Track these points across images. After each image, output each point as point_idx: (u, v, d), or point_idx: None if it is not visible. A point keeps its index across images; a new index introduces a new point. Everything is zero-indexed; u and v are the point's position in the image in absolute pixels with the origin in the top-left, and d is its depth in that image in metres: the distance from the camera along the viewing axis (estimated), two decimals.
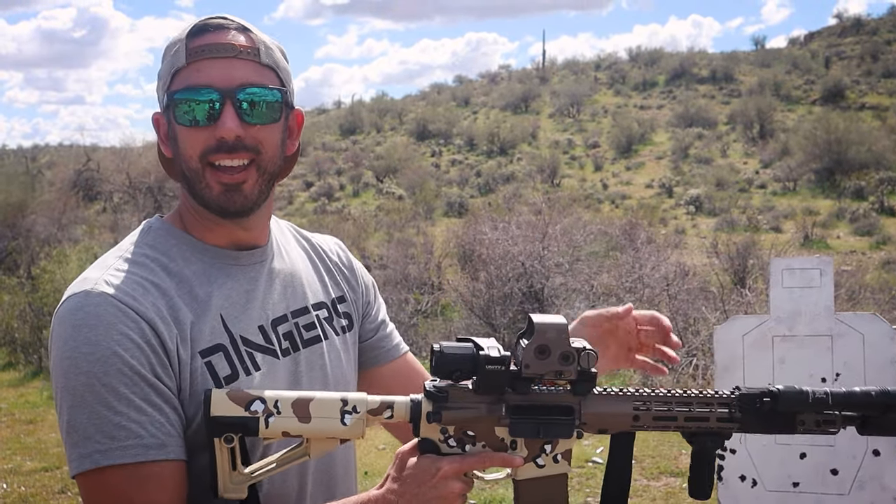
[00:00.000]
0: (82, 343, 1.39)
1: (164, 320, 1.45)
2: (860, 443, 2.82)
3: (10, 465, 7.44)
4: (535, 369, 1.46)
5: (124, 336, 1.40)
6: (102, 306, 1.41)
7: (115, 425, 1.38)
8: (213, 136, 1.51)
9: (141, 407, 1.39)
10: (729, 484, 2.96)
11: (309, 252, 1.81)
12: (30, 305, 12.84)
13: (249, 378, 1.53)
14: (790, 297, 2.92)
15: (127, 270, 1.50)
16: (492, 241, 13.04)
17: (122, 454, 1.37)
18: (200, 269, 1.56)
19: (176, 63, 1.50)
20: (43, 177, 37.77)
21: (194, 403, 1.47)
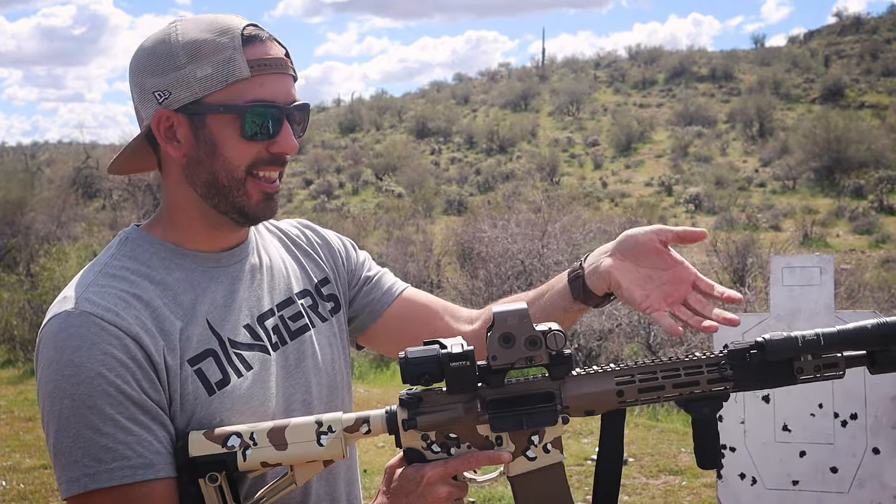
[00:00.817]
0: (65, 365, 1.38)
1: (149, 333, 1.44)
2: (860, 441, 2.82)
3: (9, 462, 7.44)
4: (502, 359, 1.44)
5: (107, 355, 1.38)
6: (84, 326, 1.39)
7: (102, 447, 1.37)
8: (265, 150, 1.52)
9: (127, 427, 1.38)
10: (729, 482, 2.96)
11: (284, 241, 1.79)
12: (29, 303, 12.85)
13: (242, 379, 1.52)
14: (790, 294, 2.92)
15: (107, 285, 1.47)
16: (491, 239, 13.04)
17: (110, 476, 1.36)
18: (182, 275, 1.54)
19: (235, 73, 1.48)
20: (42, 174, 37.74)
21: (186, 413, 1.46)
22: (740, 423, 2.99)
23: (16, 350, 12.97)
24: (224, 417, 1.48)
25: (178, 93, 1.49)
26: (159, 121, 1.51)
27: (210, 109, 1.48)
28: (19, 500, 6.47)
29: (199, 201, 1.56)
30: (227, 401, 1.49)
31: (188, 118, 1.50)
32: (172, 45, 1.49)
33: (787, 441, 2.92)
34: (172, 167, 1.57)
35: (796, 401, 2.95)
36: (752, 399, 2.97)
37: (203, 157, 1.52)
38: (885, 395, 2.80)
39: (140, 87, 1.52)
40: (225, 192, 1.53)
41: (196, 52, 1.48)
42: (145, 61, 1.51)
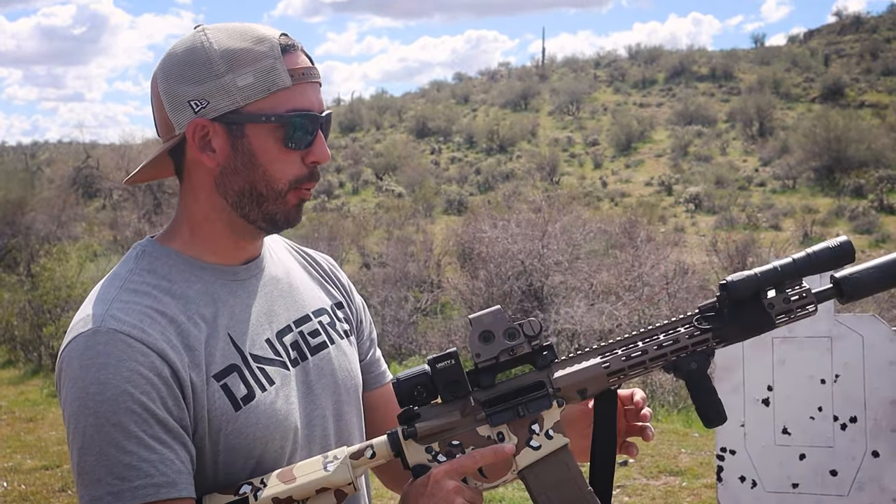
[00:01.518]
0: (90, 383, 1.37)
1: (174, 349, 1.43)
2: (859, 444, 2.83)
3: (10, 463, 7.44)
4: (486, 355, 1.49)
5: (134, 372, 1.38)
6: (112, 343, 1.39)
7: (126, 465, 1.36)
8: (302, 160, 1.53)
9: (151, 445, 1.38)
10: (729, 485, 2.97)
11: (300, 261, 1.78)
12: (29, 303, 12.85)
13: (265, 394, 1.51)
14: None
15: (131, 301, 1.46)
16: (491, 239, 13.05)
17: (133, 495, 1.36)
18: (202, 288, 1.53)
19: (278, 82, 1.48)
20: (42, 174, 37.71)
21: (214, 429, 1.46)
22: (740, 426, 3.00)
23: (16, 350, 12.97)
24: (251, 432, 1.48)
25: (216, 102, 1.47)
26: (195, 130, 1.49)
27: (251, 118, 1.48)
28: (21, 502, 6.48)
29: (228, 210, 1.55)
30: (252, 416, 1.49)
31: (226, 127, 1.49)
32: (208, 54, 1.48)
33: (786, 444, 2.93)
34: (201, 176, 1.54)
35: (796, 404, 2.96)
36: (751, 402, 2.99)
37: (240, 166, 1.51)
38: (885, 398, 2.81)
39: (172, 96, 1.50)
40: (261, 201, 1.53)
41: (235, 60, 1.47)
42: (178, 69, 1.49)
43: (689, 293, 11.96)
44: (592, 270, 12.90)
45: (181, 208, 1.59)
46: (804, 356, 2.93)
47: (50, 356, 12.15)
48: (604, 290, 12.52)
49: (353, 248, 21.55)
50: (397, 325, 13.54)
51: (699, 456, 7.09)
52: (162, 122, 1.54)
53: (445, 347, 12.71)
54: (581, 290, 12.20)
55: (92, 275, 13.49)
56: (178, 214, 1.60)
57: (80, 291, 12.38)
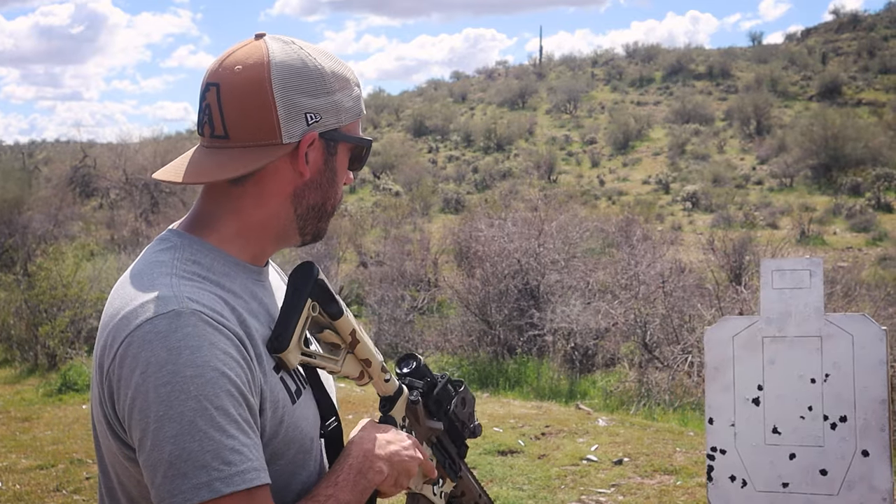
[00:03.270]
0: (185, 366, 1.33)
1: (248, 335, 1.44)
2: (849, 444, 2.83)
3: (5, 462, 7.42)
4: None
5: (227, 355, 1.37)
6: (200, 325, 1.36)
7: (230, 449, 1.33)
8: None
9: (246, 429, 1.36)
10: (719, 484, 2.97)
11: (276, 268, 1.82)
12: (26, 302, 12.82)
13: (308, 391, 1.55)
14: (780, 297, 2.93)
15: (195, 286, 1.44)
16: (488, 237, 13.05)
17: (241, 479, 1.33)
18: (242, 284, 1.53)
19: (359, 110, 1.59)
20: (39, 173, 37.68)
21: (276, 419, 1.45)
22: (730, 425, 3.01)
23: (12, 350, 12.95)
24: (304, 426, 1.51)
25: (327, 118, 1.52)
26: (310, 143, 1.52)
27: (346, 139, 1.56)
28: (15, 501, 6.46)
29: (291, 220, 1.57)
30: (303, 409, 1.50)
31: (325, 143, 1.54)
32: (322, 71, 1.52)
33: (777, 444, 2.93)
34: (279, 185, 1.54)
35: (786, 403, 2.96)
36: (742, 402, 2.99)
37: (324, 182, 1.57)
38: (875, 397, 2.81)
39: (290, 105, 1.49)
40: (324, 217, 1.60)
41: (341, 82, 1.55)
42: (298, 80, 1.50)
43: (685, 292, 11.95)
44: (589, 269, 12.91)
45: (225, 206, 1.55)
46: (794, 356, 2.94)
47: (46, 356, 12.15)
48: (600, 289, 12.52)
49: (350, 246, 21.57)
50: (394, 323, 13.54)
51: (694, 455, 7.09)
52: (264, 126, 1.49)
53: (442, 346, 12.75)
54: (577, 289, 12.20)
55: (88, 274, 13.47)
56: (220, 211, 1.56)
57: (77, 291, 12.38)
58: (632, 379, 10.50)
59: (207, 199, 1.58)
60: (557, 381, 10.75)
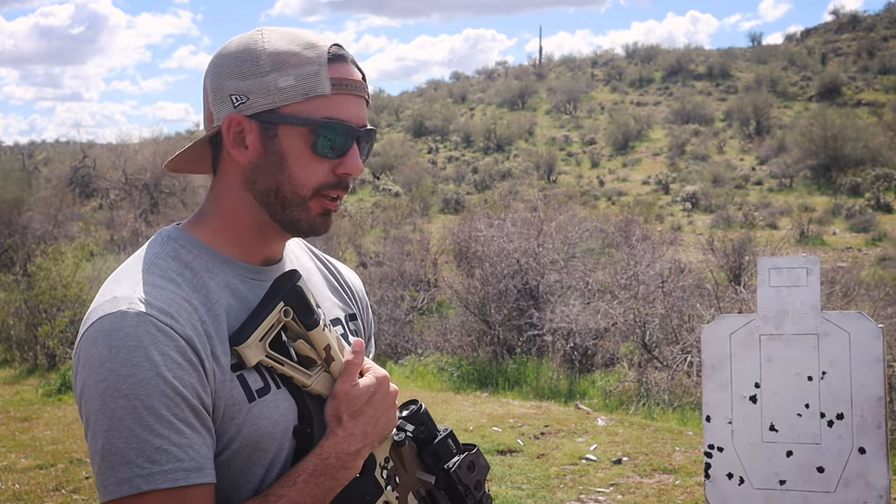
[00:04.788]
0: (121, 365, 1.37)
1: (199, 335, 1.43)
2: (846, 441, 2.84)
3: (4, 462, 7.43)
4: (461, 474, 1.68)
5: (166, 357, 1.39)
6: (141, 326, 1.39)
7: (157, 448, 1.36)
8: (331, 170, 1.54)
9: (181, 429, 1.38)
10: (716, 482, 2.98)
11: (321, 268, 1.80)
12: (25, 303, 12.84)
13: (280, 391, 1.52)
14: (777, 295, 2.93)
15: (157, 285, 1.47)
16: (487, 238, 13.05)
17: (164, 478, 1.36)
18: (223, 281, 1.54)
19: (317, 88, 1.50)
20: (39, 173, 37.74)
21: (228, 417, 1.45)
22: (728, 423, 3.01)
23: (12, 350, 12.97)
24: (263, 425, 1.48)
25: (255, 99, 1.50)
26: (230, 124, 1.51)
27: (284, 120, 1.50)
28: (15, 501, 6.47)
29: (256, 208, 1.56)
30: (266, 409, 1.49)
31: (260, 126, 1.51)
32: (258, 52, 1.50)
33: (774, 441, 2.93)
34: (233, 172, 1.56)
35: (783, 401, 2.96)
36: (739, 399, 2.99)
37: (269, 166, 1.53)
38: (871, 395, 2.82)
39: (217, 88, 1.53)
40: (286, 204, 1.54)
41: (281, 62, 1.50)
42: (228, 64, 1.52)
43: (684, 292, 11.95)
44: (588, 269, 12.91)
45: (211, 200, 1.61)
46: (791, 353, 2.94)
47: (45, 356, 12.16)
48: (599, 289, 12.52)
49: (349, 247, 21.56)
50: (394, 323, 13.54)
51: (693, 454, 7.10)
52: (206, 113, 1.56)
53: (441, 346, 12.75)
54: (577, 289, 12.20)
55: (88, 274, 13.47)
56: (208, 206, 1.61)
57: (76, 291, 12.39)
58: (631, 379, 10.50)
59: (207, 194, 1.63)
60: (557, 381, 10.75)
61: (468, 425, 8.18)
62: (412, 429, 1.62)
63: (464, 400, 9.55)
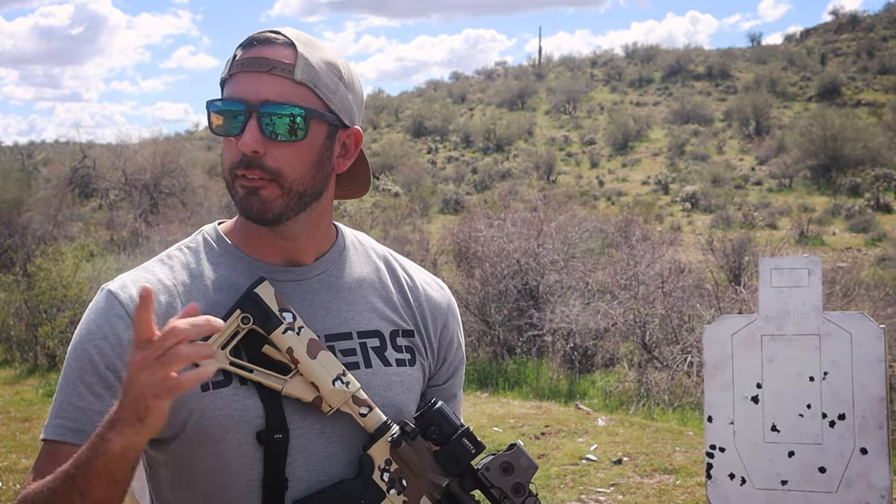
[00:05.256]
0: (78, 332, 1.54)
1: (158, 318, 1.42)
2: (848, 441, 2.84)
3: (5, 462, 7.44)
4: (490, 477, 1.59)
5: (99, 327, 1.52)
6: (101, 301, 1.55)
7: (59, 403, 1.51)
8: (239, 148, 1.52)
9: (82, 394, 1.49)
10: (718, 482, 2.98)
11: (385, 278, 1.72)
12: (25, 303, 12.82)
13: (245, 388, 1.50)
14: (779, 296, 2.94)
15: (149, 269, 1.60)
16: (487, 238, 13.05)
17: (52, 431, 1.50)
18: (226, 275, 1.57)
19: (225, 73, 1.56)
20: (39, 174, 37.69)
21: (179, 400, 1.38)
22: (729, 423, 3.01)
23: (12, 350, 12.95)
24: (213, 416, 1.47)
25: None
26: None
27: (209, 106, 1.56)
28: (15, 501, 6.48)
29: None
30: (220, 401, 1.48)
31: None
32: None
33: (775, 441, 2.94)
34: None
35: (785, 401, 2.97)
36: (741, 400, 3.00)
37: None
38: (873, 395, 2.82)
39: None
40: (227, 187, 1.58)
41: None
42: None
43: (684, 292, 11.96)
44: (588, 269, 12.90)
45: None
46: (793, 354, 2.94)
47: (45, 356, 12.15)
48: (599, 289, 12.52)
49: None
50: None
51: (694, 454, 7.10)
52: None
53: None
54: (577, 289, 12.20)
55: (88, 275, 13.46)
56: None
57: (76, 291, 12.37)
58: (631, 379, 10.51)
59: None
60: (557, 381, 10.76)
61: (468, 426, 8.18)
62: (410, 428, 1.54)
63: (464, 400, 9.54)
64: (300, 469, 1.52)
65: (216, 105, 1.53)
